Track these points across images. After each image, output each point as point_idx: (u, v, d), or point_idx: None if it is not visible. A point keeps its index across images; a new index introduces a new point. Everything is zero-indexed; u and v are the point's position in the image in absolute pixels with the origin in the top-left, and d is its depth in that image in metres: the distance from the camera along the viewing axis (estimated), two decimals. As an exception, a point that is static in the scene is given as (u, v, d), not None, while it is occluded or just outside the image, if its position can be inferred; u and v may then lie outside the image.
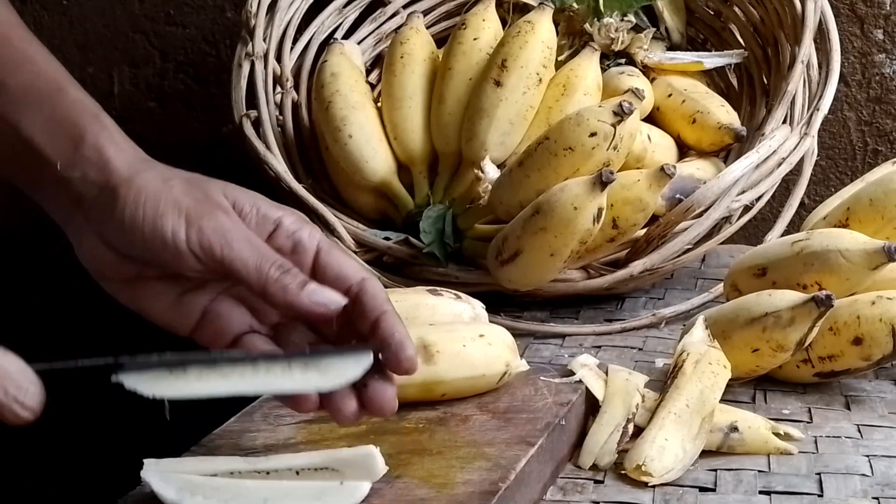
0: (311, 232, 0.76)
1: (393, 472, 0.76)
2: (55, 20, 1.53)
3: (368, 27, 1.37)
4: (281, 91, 1.25)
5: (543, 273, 1.06)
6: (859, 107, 1.39)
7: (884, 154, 1.39)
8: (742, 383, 0.94)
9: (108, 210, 0.74)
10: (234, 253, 0.72)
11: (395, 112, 1.20)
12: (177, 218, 0.73)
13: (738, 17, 1.31)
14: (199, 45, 1.50)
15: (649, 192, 1.03)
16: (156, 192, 0.73)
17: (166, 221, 0.73)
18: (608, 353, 1.02)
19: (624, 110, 1.03)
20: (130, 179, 0.74)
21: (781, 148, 1.13)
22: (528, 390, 0.89)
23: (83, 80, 1.52)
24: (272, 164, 1.17)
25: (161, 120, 1.52)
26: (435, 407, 0.87)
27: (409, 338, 0.74)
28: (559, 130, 1.06)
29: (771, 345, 0.90)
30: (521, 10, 1.28)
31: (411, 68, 1.21)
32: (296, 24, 1.29)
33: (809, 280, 0.94)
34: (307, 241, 0.75)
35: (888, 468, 0.82)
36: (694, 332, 0.91)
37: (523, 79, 1.15)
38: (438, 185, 1.19)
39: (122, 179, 0.74)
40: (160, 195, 0.73)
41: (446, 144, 1.19)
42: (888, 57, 1.38)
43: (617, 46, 1.26)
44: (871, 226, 0.98)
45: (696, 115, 1.21)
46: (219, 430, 0.85)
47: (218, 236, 0.72)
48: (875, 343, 0.90)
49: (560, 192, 1.01)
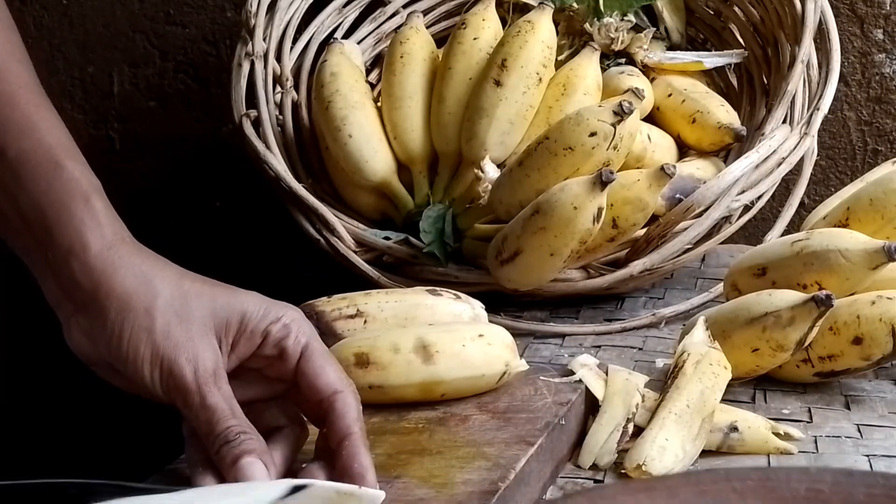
0: (297, 337, 0.76)
1: (392, 471, 0.76)
2: (55, 20, 1.53)
3: (368, 27, 1.37)
4: (281, 91, 1.25)
5: (543, 273, 1.06)
6: (859, 107, 1.39)
7: (884, 154, 1.39)
8: (742, 383, 0.94)
9: (96, 324, 0.75)
10: (191, 416, 0.74)
11: (394, 112, 1.20)
12: (154, 367, 0.74)
13: (738, 17, 1.31)
14: (199, 44, 1.50)
15: (649, 192, 1.03)
16: (139, 330, 0.74)
17: (144, 368, 0.74)
18: (608, 353, 1.02)
19: (624, 110, 1.03)
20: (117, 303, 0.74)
21: (781, 148, 1.13)
22: (527, 390, 0.89)
23: (83, 80, 1.53)
24: (272, 164, 1.17)
25: (161, 120, 1.52)
26: (435, 407, 0.87)
27: (371, 468, 0.73)
28: (559, 130, 1.06)
29: (771, 344, 0.90)
30: (521, 9, 1.28)
31: (411, 68, 1.21)
32: (295, 24, 1.29)
33: (809, 280, 0.94)
34: (291, 347, 0.76)
35: (888, 468, 0.82)
36: (694, 333, 0.91)
37: (523, 78, 1.15)
38: (438, 184, 1.19)
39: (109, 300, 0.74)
40: (142, 336, 0.74)
41: (446, 144, 1.19)
42: (888, 57, 1.38)
43: (617, 46, 1.26)
44: (871, 226, 0.98)
45: (696, 114, 1.21)
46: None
47: (180, 397, 0.74)
48: (875, 343, 0.90)
49: (560, 191, 1.01)
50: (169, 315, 0.75)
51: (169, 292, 0.76)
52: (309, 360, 0.76)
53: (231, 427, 0.73)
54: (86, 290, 0.75)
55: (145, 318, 0.74)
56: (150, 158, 1.53)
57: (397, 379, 0.87)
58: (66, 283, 0.76)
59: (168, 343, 0.74)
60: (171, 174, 1.53)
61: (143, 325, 0.74)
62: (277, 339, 0.76)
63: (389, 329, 0.92)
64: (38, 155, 0.77)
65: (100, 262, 0.75)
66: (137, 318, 0.74)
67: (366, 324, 0.94)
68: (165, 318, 0.75)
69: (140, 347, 0.74)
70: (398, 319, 0.94)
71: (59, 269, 0.76)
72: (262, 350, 0.76)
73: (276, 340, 0.76)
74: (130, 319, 0.74)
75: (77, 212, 0.76)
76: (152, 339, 0.74)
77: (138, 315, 0.74)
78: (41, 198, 0.76)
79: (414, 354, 0.87)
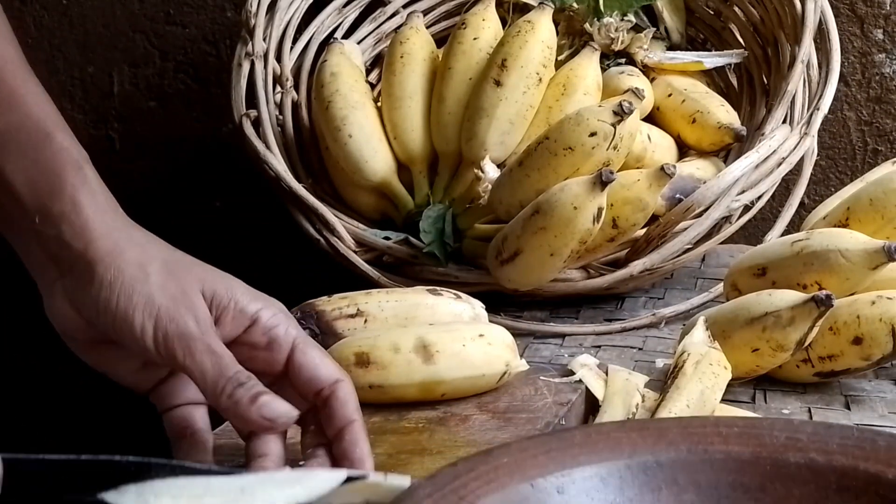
0: (287, 328, 0.75)
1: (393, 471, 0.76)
2: (55, 20, 1.53)
3: (368, 27, 1.37)
4: (281, 91, 1.25)
5: (543, 273, 1.06)
6: (859, 107, 1.39)
7: (884, 154, 1.39)
8: (742, 383, 0.94)
9: (82, 283, 0.73)
10: (194, 363, 0.71)
11: (394, 112, 1.20)
12: (147, 317, 0.72)
13: (738, 17, 1.31)
14: (199, 44, 1.50)
15: (649, 192, 1.03)
16: (132, 280, 0.73)
17: (136, 317, 0.72)
18: (608, 353, 1.02)
19: (624, 110, 1.03)
20: (109, 258, 0.73)
21: (781, 148, 1.13)
22: (527, 390, 0.89)
23: (83, 80, 1.53)
24: (272, 164, 1.17)
25: (161, 120, 1.52)
26: (435, 407, 0.87)
27: (370, 456, 0.73)
28: (559, 130, 1.06)
29: (771, 344, 0.90)
30: (521, 9, 1.28)
31: (411, 68, 1.21)
32: (295, 24, 1.29)
33: (809, 280, 0.94)
34: (282, 337, 0.74)
35: (888, 468, 0.82)
36: (694, 333, 0.91)
37: (523, 78, 1.15)
38: (438, 184, 1.19)
39: (100, 255, 0.73)
40: (135, 286, 0.72)
41: (446, 144, 1.19)
42: (888, 57, 1.38)
43: (617, 46, 1.26)
44: (871, 226, 0.98)
45: (696, 114, 1.21)
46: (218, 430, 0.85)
47: (182, 344, 0.71)
48: (875, 343, 0.90)
49: (560, 191, 1.01)
50: (163, 273, 0.74)
51: (162, 256, 0.75)
52: (305, 352, 0.74)
53: (240, 371, 0.71)
54: (75, 251, 0.74)
55: (139, 272, 0.73)
56: (150, 158, 1.53)
57: (397, 378, 0.87)
58: (55, 245, 0.74)
59: (164, 294, 0.73)
60: (171, 174, 1.53)
61: (136, 277, 0.73)
62: (268, 328, 0.74)
63: (390, 329, 0.92)
64: (26, 126, 0.77)
65: (92, 224, 0.74)
66: (130, 271, 0.73)
67: (366, 323, 0.94)
68: (159, 274, 0.73)
69: (133, 298, 0.72)
70: (398, 319, 0.94)
71: (46, 233, 0.74)
72: (250, 335, 0.75)
73: (266, 328, 0.74)
74: (123, 273, 0.73)
75: (69, 178, 0.75)
76: (146, 291, 0.72)
77: (131, 269, 0.73)
78: (30, 166, 0.75)
79: (414, 354, 0.87)
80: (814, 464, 0.68)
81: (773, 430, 0.69)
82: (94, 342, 0.75)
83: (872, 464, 0.67)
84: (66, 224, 0.74)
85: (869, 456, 0.67)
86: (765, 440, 0.69)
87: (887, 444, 0.68)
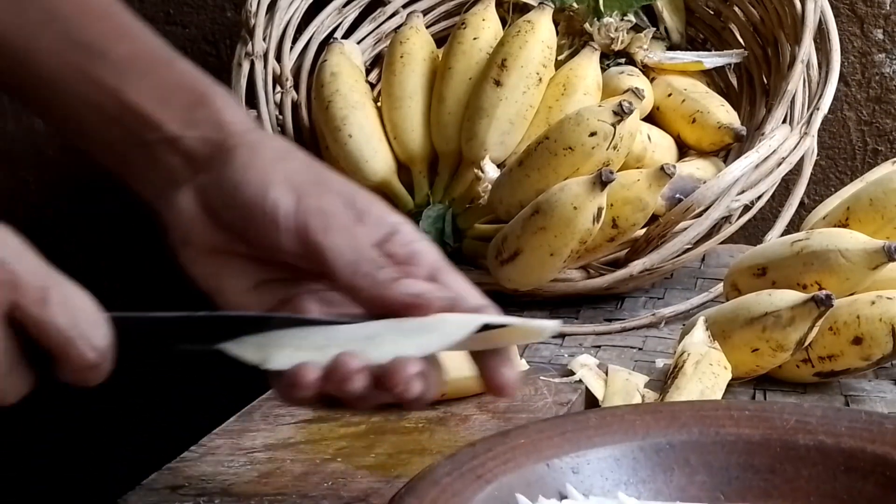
0: (429, 246, 0.69)
1: (393, 471, 0.76)
2: (55, 20, 1.53)
3: (368, 27, 1.37)
4: (281, 90, 1.25)
5: (543, 273, 1.06)
6: (859, 106, 1.39)
7: (884, 154, 1.39)
8: (742, 383, 0.94)
9: (217, 167, 0.69)
10: (331, 240, 0.66)
11: (394, 111, 1.20)
12: (283, 189, 0.67)
13: (738, 17, 1.31)
14: (199, 44, 1.50)
15: (649, 192, 1.03)
16: (271, 159, 0.69)
17: (272, 189, 0.67)
18: (608, 353, 1.02)
19: (624, 110, 1.03)
20: (251, 142, 0.70)
21: (781, 147, 1.13)
22: (527, 390, 0.89)
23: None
24: (272, 164, 1.16)
25: (161, 120, 1.52)
26: (435, 407, 0.87)
27: None
28: (559, 130, 1.06)
29: (771, 344, 0.90)
30: (521, 9, 1.28)
31: (411, 68, 1.21)
32: (295, 24, 1.29)
33: (809, 280, 0.94)
34: (424, 254, 0.68)
35: (888, 468, 0.82)
36: (694, 333, 0.91)
37: (523, 78, 1.15)
38: (438, 184, 1.19)
39: (242, 141, 0.70)
40: (275, 164, 0.69)
41: (446, 144, 1.19)
42: (888, 57, 1.38)
43: (617, 46, 1.26)
44: (871, 226, 0.98)
45: (695, 114, 1.21)
46: (218, 429, 0.85)
47: (319, 219, 0.67)
48: (875, 343, 0.90)
49: (560, 191, 1.01)
50: (304, 162, 0.70)
51: (303, 154, 0.71)
52: (449, 273, 0.68)
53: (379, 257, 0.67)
54: (217, 142, 0.70)
55: (281, 155, 0.70)
56: (150, 158, 1.53)
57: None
58: (195, 144, 0.71)
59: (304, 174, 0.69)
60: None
61: (277, 158, 0.69)
62: (409, 240, 0.69)
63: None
64: (145, 53, 0.75)
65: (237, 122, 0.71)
66: (271, 153, 0.69)
67: (366, 324, 0.94)
68: (301, 161, 0.70)
69: (272, 174, 0.68)
70: (398, 319, 0.94)
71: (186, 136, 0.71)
72: (390, 245, 0.68)
73: (407, 240, 0.68)
74: (264, 153, 0.69)
75: (207, 90, 0.73)
76: (286, 168, 0.68)
77: (272, 152, 0.70)
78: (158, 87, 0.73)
79: (414, 354, 0.87)
80: (822, 446, 0.70)
81: (783, 413, 0.71)
82: (212, 250, 0.70)
83: (879, 446, 0.69)
84: (208, 124, 0.71)
85: (876, 438, 0.69)
86: (775, 423, 0.71)
87: (894, 427, 0.70)
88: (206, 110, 0.72)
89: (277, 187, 0.68)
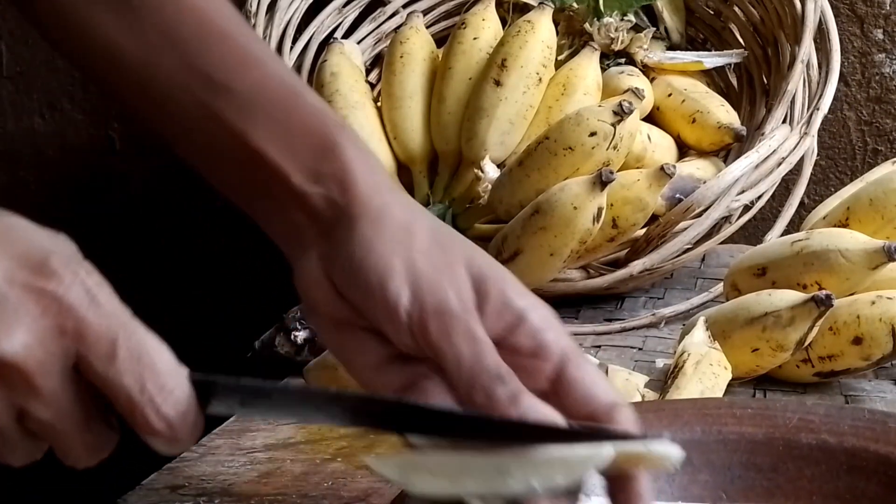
0: (559, 335, 0.64)
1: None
2: (55, 20, 1.53)
3: (368, 27, 1.37)
4: (281, 91, 1.25)
5: (543, 273, 1.06)
6: (859, 106, 1.39)
7: (884, 154, 1.39)
8: (742, 383, 0.94)
9: (340, 242, 0.65)
10: (450, 346, 0.61)
11: (394, 111, 1.20)
12: (403, 282, 0.62)
13: (738, 17, 1.31)
14: (198, 44, 1.49)
15: (649, 192, 1.03)
16: (394, 240, 0.64)
17: (392, 281, 0.62)
18: (608, 353, 1.02)
19: (624, 110, 1.03)
20: (373, 214, 0.65)
21: (781, 147, 1.13)
22: (527, 390, 0.89)
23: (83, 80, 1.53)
24: (272, 164, 1.16)
25: (161, 120, 1.52)
26: (435, 407, 0.87)
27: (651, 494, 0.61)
28: (559, 130, 1.06)
29: (771, 344, 0.90)
30: (521, 9, 1.28)
31: (411, 68, 1.21)
32: (295, 24, 1.29)
33: (809, 280, 0.94)
34: (553, 344, 0.63)
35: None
36: (695, 333, 0.91)
37: (523, 78, 1.15)
38: (438, 184, 1.19)
39: (365, 210, 0.65)
40: (396, 248, 0.63)
41: (446, 144, 1.19)
42: (888, 57, 1.38)
43: (617, 46, 1.26)
44: (871, 226, 0.98)
45: (695, 114, 1.21)
46: (218, 429, 0.85)
47: (439, 320, 0.61)
48: (875, 343, 0.90)
49: (560, 191, 1.01)
50: (429, 240, 0.64)
51: (429, 223, 0.66)
52: (580, 366, 0.63)
53: (501, 364, 0.60)
54: (340, 207, 0.65)
55: (403, 234, 0.64)
56: (151, 158, 1.53)
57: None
58: (319, 203, 0.66)
59: (427, 261, 0.63)
60: (171, 174, 1.53)
61: (399, 238, 0.64)
62: (537, 330, 0.63)
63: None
64: (271, 86, 0.69)
65: (362, 182, 0.65)
66: (394, 230, 0.64)
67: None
68: (425, 240, 0.64)
69: (393, 260, 0.63)
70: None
71: (311, 192, 0.66)
72: (514, 336, 0.63)
73: (534, 330, 0.63)
74: (386, 231, 0.64)
75: (335, 137, 0.67)
76: (408, 255, 0.63)
77: (395, 229, 0.64)
78: (284, 128, 0.67)
79: (414, 354, 0.87)
80: (825, 445, 0.69)
81: (785, 411, 0.71)
82: (338, 322, 0.65)
83: (883, 445, 0.69)
84: (334, 182, 0.66)
85: (879, 437, 0.69)
86: (778, 421, 0.70)
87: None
88: (332, 164, 0.66)
89: (397, 278, 0.62)
